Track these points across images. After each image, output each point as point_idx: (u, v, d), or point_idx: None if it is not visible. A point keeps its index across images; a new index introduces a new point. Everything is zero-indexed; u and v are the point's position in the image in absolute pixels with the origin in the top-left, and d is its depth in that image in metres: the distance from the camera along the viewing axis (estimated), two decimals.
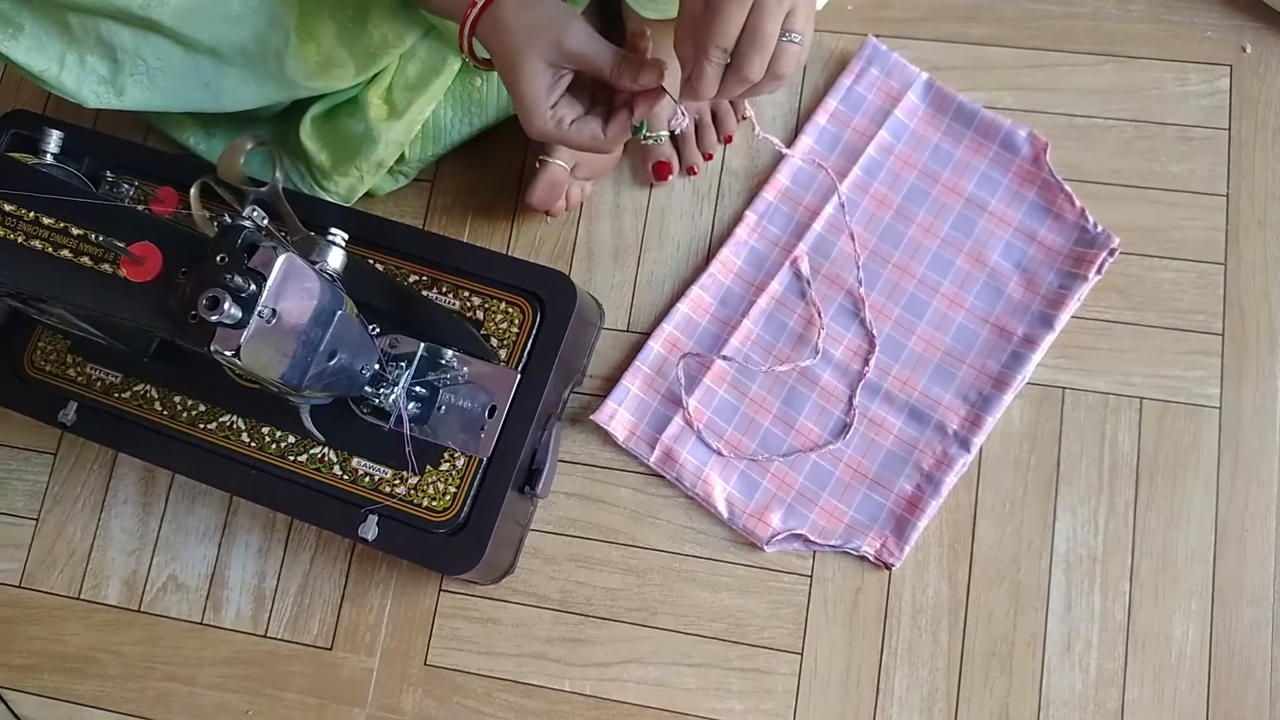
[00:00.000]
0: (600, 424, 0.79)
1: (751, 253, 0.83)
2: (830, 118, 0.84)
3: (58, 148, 0.71)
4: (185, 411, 0.72)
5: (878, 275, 0.80)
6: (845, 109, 0.84)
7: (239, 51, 0.70)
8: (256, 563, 0.82)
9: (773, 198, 0.83)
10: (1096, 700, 0.73)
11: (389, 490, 0.69)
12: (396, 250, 0.74)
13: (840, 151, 0.84)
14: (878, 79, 0.84)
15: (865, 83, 0.85)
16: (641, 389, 0.80)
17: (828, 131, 0.84)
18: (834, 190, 0.82)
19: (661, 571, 0.78)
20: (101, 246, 0.54)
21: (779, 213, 0.83)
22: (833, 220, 0.82)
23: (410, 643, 0.79)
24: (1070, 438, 0.78)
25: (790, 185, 0.83)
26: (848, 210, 0.81)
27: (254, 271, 0.51)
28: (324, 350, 0.57)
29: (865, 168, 0.83)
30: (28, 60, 0.67)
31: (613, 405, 0.80)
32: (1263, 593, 0.74)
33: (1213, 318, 0.79)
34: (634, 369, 0.81)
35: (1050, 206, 0.80)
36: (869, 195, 0.82)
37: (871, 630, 0.76)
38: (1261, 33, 0.84)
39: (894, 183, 0.82)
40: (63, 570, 0.84)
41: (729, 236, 0.83)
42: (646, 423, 0.80)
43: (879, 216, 0.82)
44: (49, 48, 0.67)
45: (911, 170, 0.82)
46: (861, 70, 0.85)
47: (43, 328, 0.75)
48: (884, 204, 0.82)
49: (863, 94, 0.84)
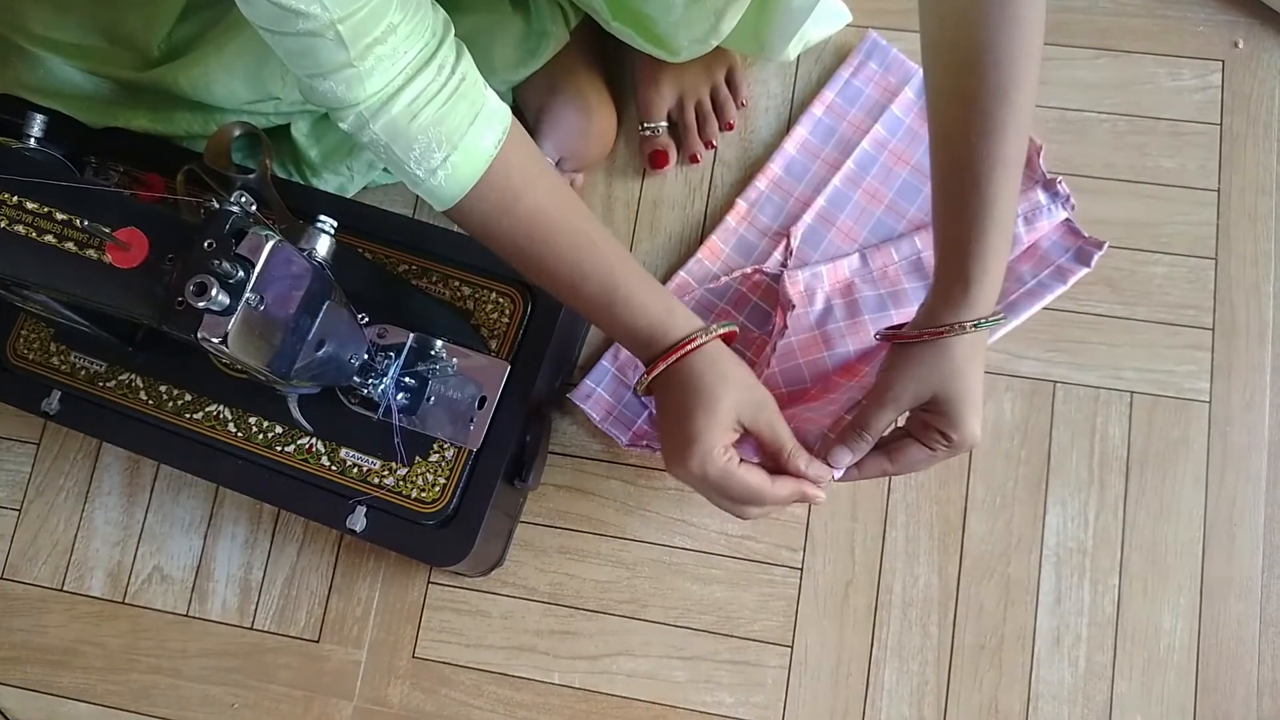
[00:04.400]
0: (576, 403, 0.79)
1: (740, 240, 0.82)
2: (826, 110, 0.84)
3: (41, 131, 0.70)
4: (171, 401, 0.71)
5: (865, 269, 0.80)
6: (842, 102, 0.84)
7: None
8: (243, 554, 0.82)
9: (765, 186, 0.83)
10: (1085, 693, 0.73)
11: (377, 481, 0.68)
12: (386, 239, 0.73)
13: (835, 144, 0.83)
14: (876, 73, 0.84)
15: (863, 76, 0.84)
16: (620, 370, 0.80)
17: (823, 123, 0.84)
18: (826, 182, 0.82)
19: (652, 564, 0.78)
20: (86, 232, 0.54)
21: (770, 202, 0.83)
22: (824, 212, 0.81)
23: (398, 635, 0.79)
24: (1061, 431, 0.78)
25: (783, 175, 0.83)
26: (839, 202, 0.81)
27: (242, 257, 0.51)
28: (312, 339, 0.57)
29: (859, 161, 0.82)
30: None
31: (590, 385, 0.79)
32: (1251, 586, 0.74)
33: (1203, 312, 0.79)
34: (613, 350, 0.80)
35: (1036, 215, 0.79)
36: (860, 189, 0.82)
37: (862, 623, 0.76)
38: (1254, 28, 0.84)
39: (886, 178, 0.82)
40: (46, 561, 0.83)
41: (719, 223, 0.83)
42: (624, 405, 0.79)
43: (870, 210, 0.81)
44: None
45: (904, 166, 0.82)
46: (860, 64, 0.84)
47: (26, 315, 0.74)
48: (875, 198, 0.81)
49: (860, 87, 0.84)
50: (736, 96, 0.85)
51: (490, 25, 0.75)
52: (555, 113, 0.80)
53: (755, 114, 0.86)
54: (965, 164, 0.55)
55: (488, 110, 0.56)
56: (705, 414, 0.58)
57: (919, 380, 0.58)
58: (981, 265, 0.56)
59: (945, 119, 0.57)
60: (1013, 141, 0.54)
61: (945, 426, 0.58)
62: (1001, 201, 0.55)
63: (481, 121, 0.56)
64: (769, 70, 0.87)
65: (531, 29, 0.78)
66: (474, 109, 0.55)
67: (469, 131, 0.55)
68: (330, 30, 0.49)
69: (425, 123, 0.54)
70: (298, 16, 0.48)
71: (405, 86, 0.53)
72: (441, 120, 0.54)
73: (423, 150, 0.55)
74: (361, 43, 0.50)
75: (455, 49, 0.55)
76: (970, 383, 0.57)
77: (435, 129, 0.54)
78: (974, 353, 0.57)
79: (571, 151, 0.81)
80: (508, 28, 0.76)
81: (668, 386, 0.60)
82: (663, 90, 0.83)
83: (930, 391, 0.58)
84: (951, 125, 0.56)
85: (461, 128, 0.55)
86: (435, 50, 0.54)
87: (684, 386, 0.59)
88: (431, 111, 0.54)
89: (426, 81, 0.53)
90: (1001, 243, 0.56)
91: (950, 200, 0.57)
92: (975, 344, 0.57)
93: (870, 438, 0.60)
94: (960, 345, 0.57)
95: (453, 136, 0.55)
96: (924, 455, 0.60)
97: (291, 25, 0.49)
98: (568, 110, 0.80)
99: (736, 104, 0.85)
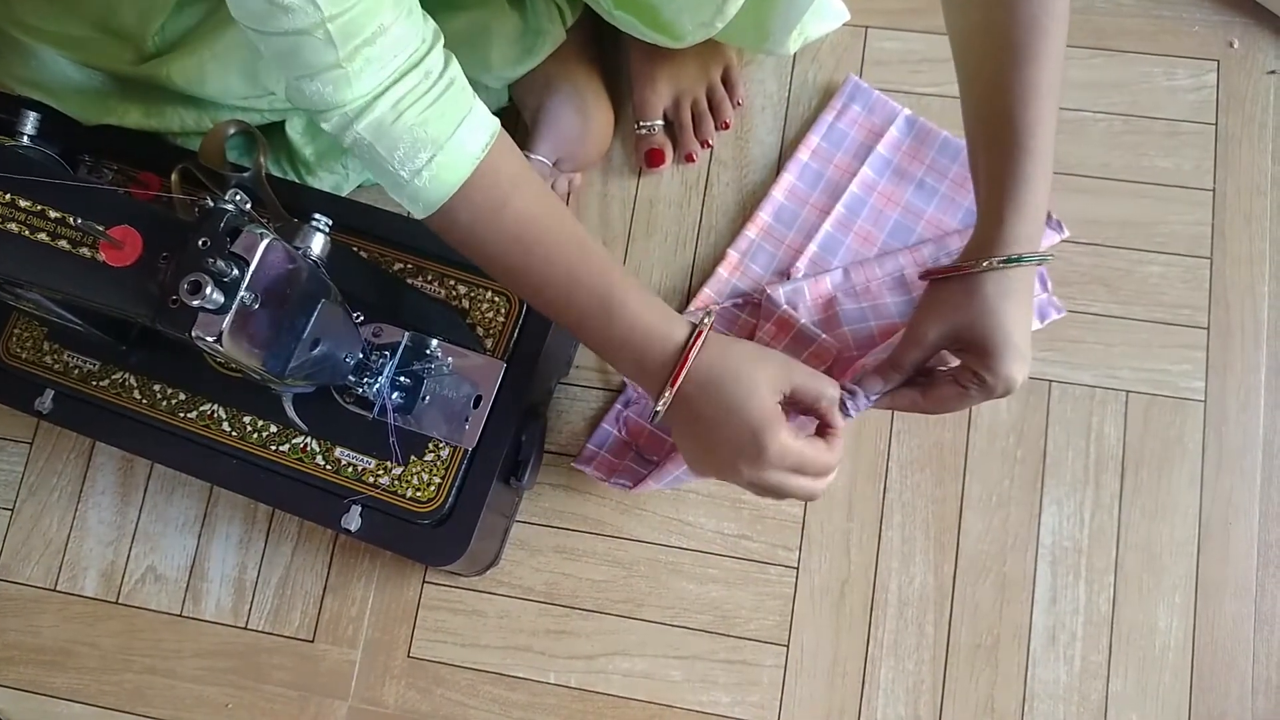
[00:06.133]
0: (578, 468, 0.78)
1: (734, 291, 0.81)
2: (812, 154, 0.83)
3: (35, 129, 0.70)
4: (165, 400, 0.71)
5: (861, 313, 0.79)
6: (828, 145, 0.84)
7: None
8: (237, 554, 0.81)
9: (755, 235, 0.82)
10: (1081, 692, 0.73)
11: (372, 480, 0.68)
12: (381, 237, 0.73)
13: (823, 189, 0.83)
14: (859, 115, 0.84)
15: (847, 119, 0.84)
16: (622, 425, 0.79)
17: (810, 168, 0.83)
18: (817, 228, 0.81)
19: (648, 563, 0.78)
20: (80, 230, 0.53)
21: (762, 250, 0.82)
22: (816, 258, 0.81)
23: (393, 635, 0.79)
24: (1056, 430, 0.78)
25: (773, 223, 0.82)
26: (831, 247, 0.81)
27: (237, 256, 0.51)
28: (307, 338, 0.56)
29: (848, 205, 0.81)
30: None
31: (592, 448, 0.79)
32: (1245, 585, 0.74)
33: (1198, 312, 0.79)
34: (614, 414, 0.80)
35: None
36: (853, 233, 0.81)
37: (858, 622, 0.76)
38: (1249, 28, 0.84)
39: (877, 219, 0.81)
40: (39, 561, 0.83)
41: (710, 275, 0.82)
42: (629, 460, 0.78)
43: (863, 254, 0.81)
44: None
45: (895, 207, 0.82)
46: (843, 107, 0.84)
47: (19, 314, 0.74)
48: (868, 241, 0.81)
49: (845, 130, 0.84)
50: (733, 95, 0.85)
51: (486, 22, 0.75)
52: (552, 113, 0.80)
53: (751, 113, 0.86)
54: (998, 95, 0.54)
55: (475, 115, 0.55)
56: (753, 400, 0.55)
57: (945, 318, 0.56)
58: (1015, 200, 0.54)
59: (975, 54, 0.56)
60: (1047, 70, 0.53)
61: (978, 366, 0.56)
62: (1039, 130, 0.53)
63: (469, 125, 0.55)
64: (765, 70, 0.87)
65: (528, 27, 0.77)
66: (461, 112, 0.54)
67: (455, 133, 0.54)
68: (320, 29, 0.48)
69: (411, 122, 0.53)
70: (286, 13, 0.47)
71: (392, 87, 0.52)
72: (427, 121, 0.53)
73: (407, 151, 0.53)
74: (351, 43, 0.49)
75: (445, 57, 0.54)
76: (1003, 322, 0.55)
77: (421, 129, 0.53)
78: (1008, 291, 0.55)
79: (569, 152, 0.81)
80: (504, 25, 0.76)
81: (692, 396, 0.57)
82: (659, 89, 0.83)
83: (958, 329, 0.56)
84: (981, 59, 0.55)
85: (448, 129, 0.54)
86: (424, 55, 0.53)
87: (715, 384, 0.56)
88: (417, 112, 0.53)
89: (414, 82, 0.52)
90: (1038, 174, 0.54)
91: (984, 136, 0.56)
92: (1009, 281, 0.55)
93: (898, 375, 0.59)
94: (990, 282, 0.55)
95: (439, 138, 0.53)
96: (954, 393, 0.58)
97: (279, 24, 0.48)
98: (565, 110, 0.80)
99: (733, 103, 0.85)
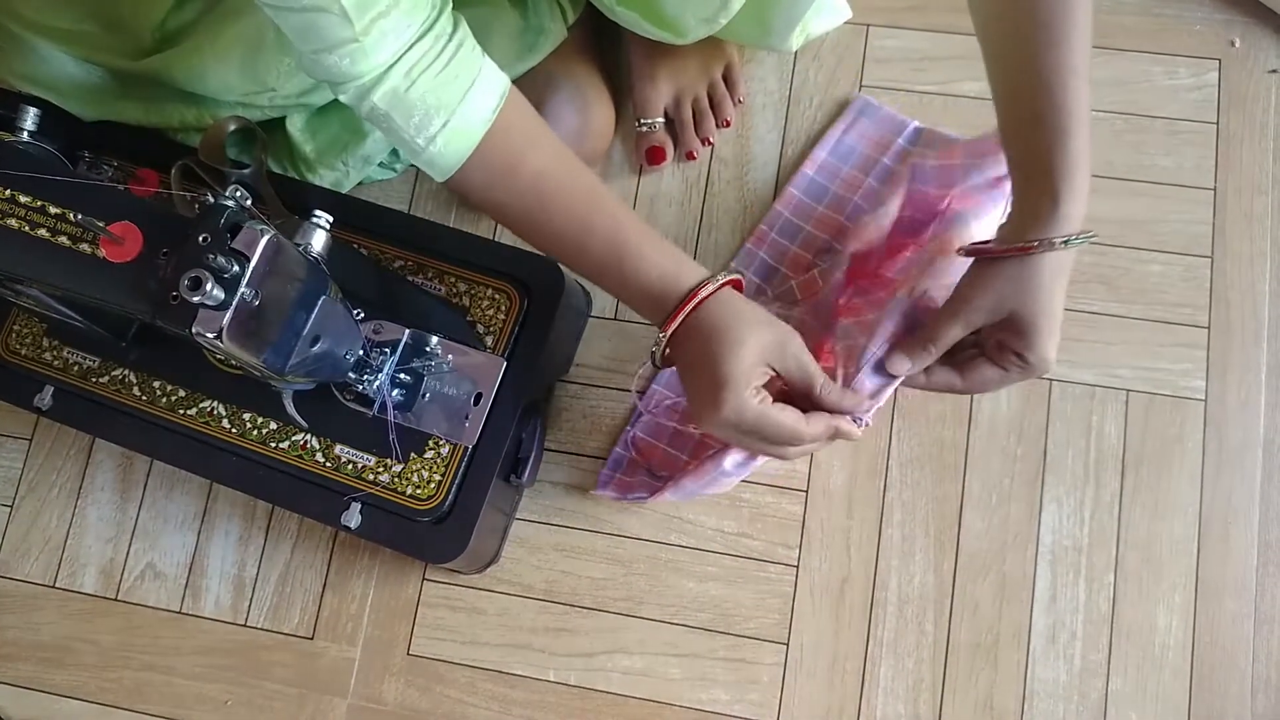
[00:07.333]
0: (596, 493, 0.78)
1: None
2: (818, 169, 0.83)
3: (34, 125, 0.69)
4: (165, 397, 0.71)
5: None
6: (834, 160, 0.83)
7: None
8: (236, 551, 0.81)
9: (755, 247, 0.82)
10: (1080, 691, 0.73)
11: (372, 478, 0.68)
12: (381, 234, 0.73)
13: (828, 202, 0.82)
14: (868, 129, 0.83)
15: (855, 133, 0.83)
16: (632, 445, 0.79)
17: (815, 182, 0.83)
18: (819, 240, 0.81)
19: (647, 561, 0.78)
20: (80, 226, 0.53)
21: (763, 264, 0.82)
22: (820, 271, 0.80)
23: (393, 632, 0.79)
24: (1057, 429, 0.78)
25: (775, 236, 0.82)
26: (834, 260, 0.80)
27: (237, 252, 0.50)
28: (307, 334, 0.56)
29: (851, 218, 0.81)
30: None
31: (608, 473, 0.78)
32: (1245, 584, 0.74)
33: (1199, 311, 0.79)
34: (624, 438, 0.79)
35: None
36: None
37: (857, 620, 0.76)
38: (1250, 27, 0.84)
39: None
40: (38, 558, 0.83)
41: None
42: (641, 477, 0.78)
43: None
44: None
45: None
46: (852, 122, 0.84)
47: (18, 310, 0.74)
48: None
49: (853, 144, 0.83)
50: (734, 93, 0.85)
51: (487, 19, 0.75)
52: (553, 110, 0.80)
53: (752, 111, 0.86)
54: (1032, 76, 0.54)
55: (485, 75, 0.57)
56: (732, 357, 0.57)
57: (1001, 296, 0.56)
58: (1068, 178, 0.54)
59: (1002, 37, 0.56)
60: (1078, 51, 0.53)
61: (1021, 347, 0.57)
62: (1078, 108, 0.54)
63: (479, 86, 0.57)
64: (766, 67, 0.87)
65: (529, 24, 0.77)
66: (472, 74, 0.56)
67: (466, 97, 0.56)
68: (336, 5, 0.50)
69: (423, 89, 0.55)
70: None
71: (404, 55, 0.54)
72: (439, 87, 0.55)
73: (422, 118, 0.55)
74: (366, 16, 0.51)
75: (453, 20, 0.56)
76: (1052, 302, 0.56)
77: (434, 95, 0.55)
78: (1060, 271, 0.56)
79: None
80: (505, 22, 0.76)
81: (688, 339, 0.59)
82: (659, 86, 0.83)
83: (1009, 309, 0.56)
84: (1008, 42, 0.55)
85: (459, 93, 0.56)
86: (435, 20, 0.55)
87: (705, 334, 0.58)
88: (429, 78, 0.55)
89: (426, 48, 0.54)
90: (1083, 151, 0.54)
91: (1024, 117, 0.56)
92: (1062, 262, 0.56)
93: (935, 350, 0.60)
94: (1048, 263, 0.55)
95: (450, 103, 0.56)
96: (996, 375, 0.59)
97: (297, 0, 0.50)
98: (566, 108, 0.80)
99: (734, 101, 0.85)
